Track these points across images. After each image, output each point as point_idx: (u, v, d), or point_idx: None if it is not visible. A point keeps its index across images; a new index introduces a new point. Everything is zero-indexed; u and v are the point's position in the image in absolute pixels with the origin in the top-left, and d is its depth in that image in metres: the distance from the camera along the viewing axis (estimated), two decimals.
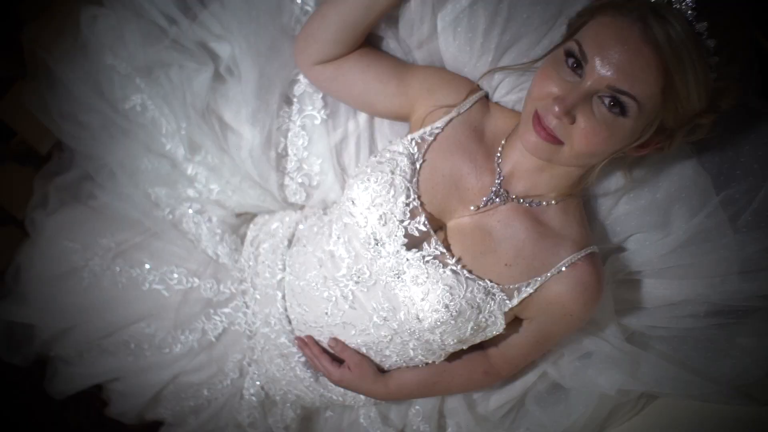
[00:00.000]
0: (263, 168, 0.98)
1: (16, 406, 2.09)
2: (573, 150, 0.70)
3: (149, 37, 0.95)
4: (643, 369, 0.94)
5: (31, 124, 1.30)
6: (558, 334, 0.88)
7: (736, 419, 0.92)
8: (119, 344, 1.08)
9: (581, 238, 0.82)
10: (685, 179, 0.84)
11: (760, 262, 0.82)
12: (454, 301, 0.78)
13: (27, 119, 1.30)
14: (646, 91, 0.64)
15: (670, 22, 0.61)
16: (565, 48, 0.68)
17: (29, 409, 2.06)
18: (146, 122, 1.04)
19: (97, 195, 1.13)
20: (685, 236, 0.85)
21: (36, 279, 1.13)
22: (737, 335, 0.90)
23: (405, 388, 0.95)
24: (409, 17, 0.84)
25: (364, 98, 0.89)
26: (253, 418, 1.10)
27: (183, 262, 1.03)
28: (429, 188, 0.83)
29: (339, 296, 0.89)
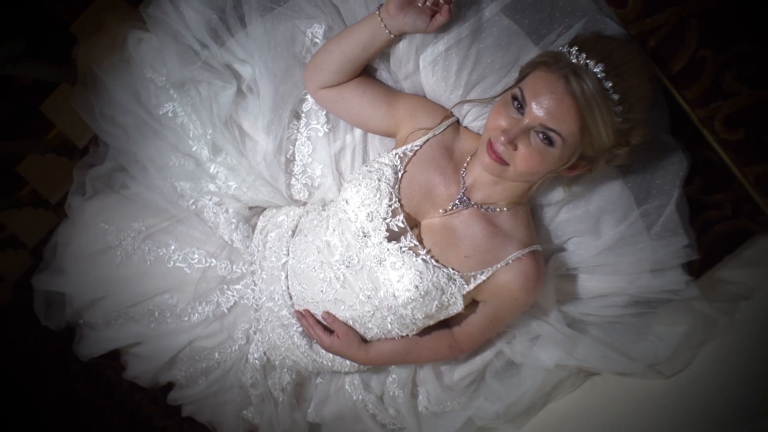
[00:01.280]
0: (274, 170, 1.21)
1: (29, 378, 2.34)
2: (516, 170, 0.94)
3: (185, 58, 1.19)
4: (579, 349, 1.19)
5: (70, 121, 1.55)
6: (507, 315, 1.12)
7: (650, 393, 1.17)
8: (144, 313, 1.31)
9: (527, 238, 1.06)
10: (612, 195, 1.09)
11: (667, 263, 1.07)
12: (423, 283, 1.02)
13: (67, 116, 1.55)
14: (567, 129, 0.88)
15: (585, 80, 0.86)
16: (512, 93, 0.92)
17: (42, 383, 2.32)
18: (176, 126, 1.27)
19: (129, 185, 1.37)
20: (611, 241, 1.10)
21: (73, 255, 1.37)
22: (652, 323, 1.15)
23: (383, 356, 1.19)
24: (398, 55, 1.08)
25: (360, 118, 1.13)
26: (255, 380, 1.34)
27: (203, 245, 1.27)
28: (408, 194, 1.07)
29: (332, 277, 1.13)
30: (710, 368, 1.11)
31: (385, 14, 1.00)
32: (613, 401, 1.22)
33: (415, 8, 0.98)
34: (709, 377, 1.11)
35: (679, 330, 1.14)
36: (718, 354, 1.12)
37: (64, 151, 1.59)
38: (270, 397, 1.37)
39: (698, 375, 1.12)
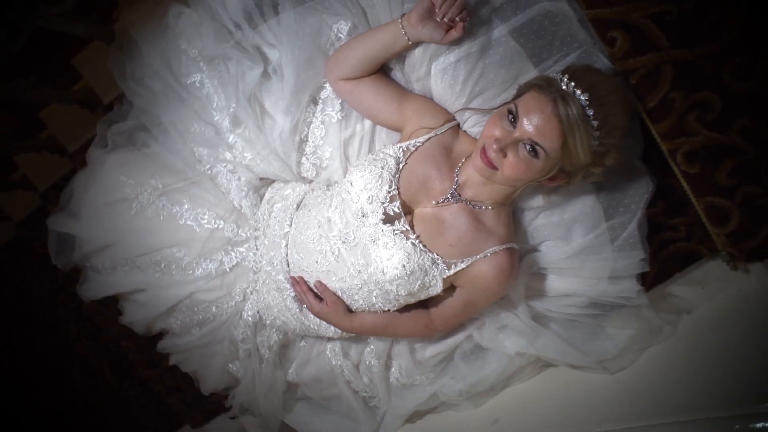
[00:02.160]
0: (288, 147, 1.36)
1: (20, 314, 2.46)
2: (503, 175, 1.10)
3: (219, 36, 1.32)
4: (540, 340, 1.36)
5: (99, 77, 1.67)
6: (480, 302, 1.28)
7: (597, 385, 1.34)
8: (150, 263, 1.45)
9: (506, 236, 1.22)
10: (585, 207, 1.26)
11: (624, 272, 1.24)
12: (410, 263, 1.18)
13: (97, 72, 1.67)
14: (551, 145, 1.03)
15: (571, 106, 1.01)
16: (508, 107, 1.08)
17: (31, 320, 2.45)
18: (202, 96, 1.41)
19: (150, 145, 1.50)
20: (579, 247, 1.26)
21: (89, 202, 1.50)
22: (605, 324, 1.33)
23: (365, 326, 1.34)
24: (413, 60, 1.23)
25: (371, 111, 1.28)
26: (245, 335, 1.49)
27: (213, 207, 1.42)
28: (406, 183, 1.22)
29: (328, 251, 1.28)
30: (651, 369, 1.29)
31: (407, 23, 1.14)
32: (565, 390, 1.39)
33: (433, 21, 1.12)
34: (649, 376, 1.29)
35: (627, 333, 1.31)
36: (659, 357, 1.29)
37: (87, 104, 1.71)
38: (257, 353, 1.53)
39: (640, 374, 1.30)
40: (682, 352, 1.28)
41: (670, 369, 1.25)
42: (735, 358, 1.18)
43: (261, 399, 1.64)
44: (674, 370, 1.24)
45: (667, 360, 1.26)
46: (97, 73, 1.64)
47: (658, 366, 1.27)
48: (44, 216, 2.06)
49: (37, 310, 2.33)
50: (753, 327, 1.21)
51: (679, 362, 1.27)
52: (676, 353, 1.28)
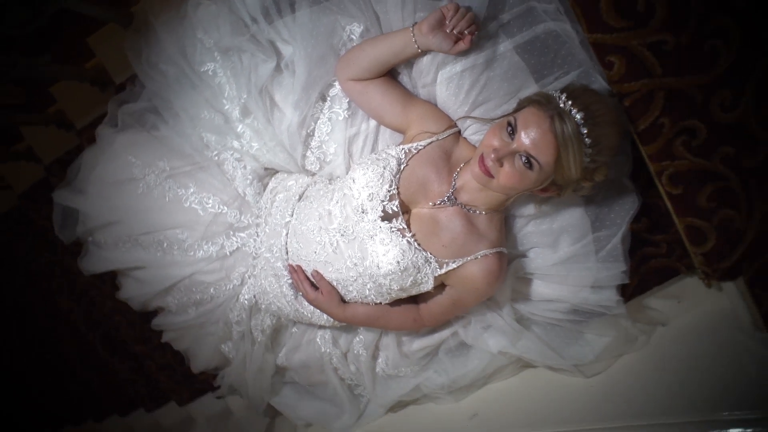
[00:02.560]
0: (294, 140, 1.42)
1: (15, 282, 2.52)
2: (498, 183, 1.17)
3: (236, 28, 1.38)
4: (522, 341, 1.44)
5: (112, 57, 1.72)
6: (467, 302, 1.35)
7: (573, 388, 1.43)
8: (153, 242, 1.51)
9: (497, 240, 1.29)
10: (573, 219, 1.33)
11: (605, 283, 1.32)
12: (404, 260, 1.25)
13: (111, 52, 1.72)
14: (545, 159, 1.11)
15: (567, 123, 1.08)
16: (507, 119, 1.15)
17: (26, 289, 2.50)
18: (214, 85, 1.46)
19: (160, 128, 1.56)
20: (565, 256, 1.34)
21: (97, 179, 1.56)
22: (584, 330, 1.41)
23: (356, 317, 1.42)
24: (421, 67, 1.29)
25: (377, 112, 1.34)
26: (240, 318, 1.56)
27: (218, 192, 1.48)
28: (405, 184, 1.29)
29: (327, 242, 1.35)
30: (624, 375, 1.38)
31: (418, 31, 1.20)
32: (542, 390, 1.48)
33: (443, 32, 1.18)
34: (622, 382, 1.37)
35: (605, 340, 1.40)
36: (633, 365, 1.38)
37: (98, 83, 1.76)
38: (250, 335, 1.60)
39: (614, 379, 1.39)
40: (654, 361, 1.36)
41: (642, 376, 1.33)
42: (704, 369, 1.27)
43: (250, 380, 1.71)
44: (646, 377, 1.32)
45: (640, 368, 1.35)
46: (111, 54, 1.70)
47: (632, 373, 1.36)
48: (47, 188, 2.13)
49: (33, 280, 2.39)
50: (722, 341, 1.29)
51: (651, 370, 1.35)
52: (649, 362, 1.37)
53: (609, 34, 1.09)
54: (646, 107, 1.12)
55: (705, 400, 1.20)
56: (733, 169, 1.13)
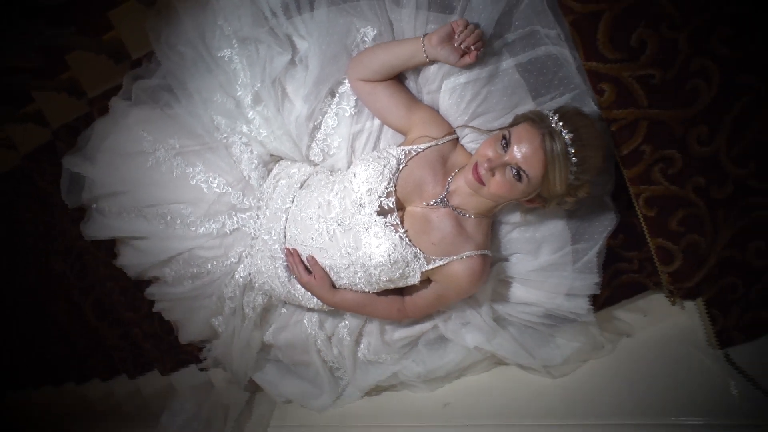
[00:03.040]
0: (301, 131, 1.51)
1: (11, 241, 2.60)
2: (489, 191, 1.28)
3: (256, 20, 1.47)
4: (497, 339, 1.55)
5: (131, 33, 1.79)
6: (450, 297, 1.46)
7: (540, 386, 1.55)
8: (156, 215, 1.60)
9: (483, 243, 1.40)
10: (555, 230, 1.45)
11: (579, 292, 1.44)
12: (395, 253, 1.35)
13: (130, 28, 1.80)
14: (533, 173, 1.21)
15: (556, 142, 1.19)
16: (502, 132, 1.25)
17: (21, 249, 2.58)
18: (229, 70, 1.55)
19: (173, 106, 1.64)
20: (544, 264, 1.46)
21: (108, 149, 1.64)
22: (555, 334, 1.53)
23: (345, 303, 1.52)
24: (427, 75, 1.39)
25: (382, 112, 1.44)
26: (234, 294, 1.66)
27: (224, 174, 1.57)
28: (403, 183, 1.39)
29: (324, 230, 1.45)
30: (588, 379, 1.50)
31: (428, 42, 1.30)
32: (511, 386, 1.60)
33: (451, 45, 1.28)
34: (586, 385, 1.49)
35: (574, 345, 1.52)
36: (597, 370, 1.50)
37: (114, 56, 1.83)
38: (241, 311, 1.70)
39: (579, 381, 1.51)
40: (617, 368, 1.48)
41: (604, 381, 1.45)
42: (661, 378, 1.39)
43: (236, 355, 1.81)
44: (608, 382, 1.45)
45: (604, 373, 1.47)
46: (130, 29, 1.78)
47: (595, 377, 1.48)
48: (52, 152, 2.20)
49: (30, 241, 2.46)
50: (680, 355, 1.42)
51: (613, 376, 1.48)
52: (612, 368, 1.49)
53: (603, 64, 1.20)
54: (631, 134, 1.23)
55: (659, 405, 1.32)
56: (703, 198, 1.25)
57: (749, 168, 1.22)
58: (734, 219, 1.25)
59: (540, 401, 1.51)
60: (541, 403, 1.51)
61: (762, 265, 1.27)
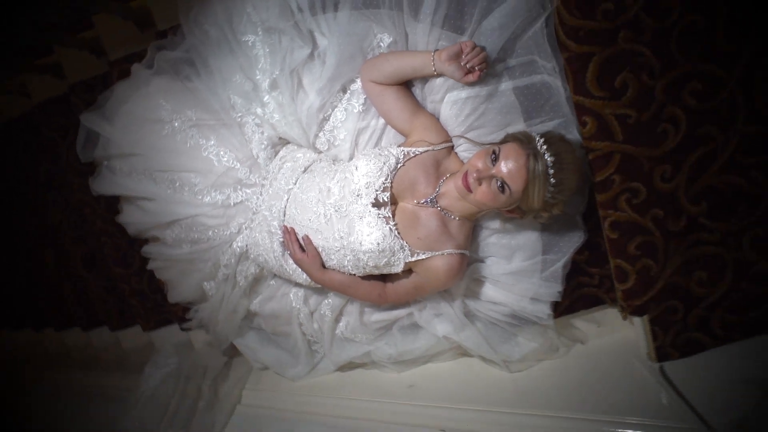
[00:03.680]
0: (311, 120, 1.68)
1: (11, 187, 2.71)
2: (474, 198, 1.46)
3: (283, 13, 1.62)
4: (464, 332, 1.74)
5: (160, 4, 1.93)
6: (428, 289, 1.65)
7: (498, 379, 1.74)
8: (166, 180, 1.76)
9: (463, 243, 1.59)
10: (529, 240, 1.63)
11: (543, 298, 1.63)
12: (383, 243, 1.53)
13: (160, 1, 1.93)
14: (515, 188, 1.39)
15: (539, 163, 1.37)
16: (493, 148, 1.43)
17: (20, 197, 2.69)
18: (251, 55, 1.71)
19: (193, 80, 1.79)
20: (516, 269, 1.65)
21: (127, 113, 1.79)
22: (518, 333, 1.73)
23: (331, 282, 1.69)
24: (433, 86, 1.56)
25: (387, 113, 1.61)
26: (229, 262, 1.82)
27: (235, 150, 1.73)
28: (398, 180, 1.56)
29: (322, 214, 1.62)
30: (541, 375, 1.70)
31: (437, 57, 1.47)
32: (472, 376, 1.79)
33: (457, 63, 1.45)
34: (539, 380, 1.69)
35: (532, 345, 1.71)
36: (549, 369, 1.70)
37: (139, 23, 1.97)
38: (233, 279, 1.86)
39: (532, 377, 1.71)
40: (568, 369, 1.68)
41: (555, 379, 1.65)
42: (605, 382, 1.59)
43: (221, 319, 1.98)
44: (558, 381, 1.65)
45: (555, 372, 1.67)
46: (160, 1, 1.91)
47: (548, 375, 1.68)
48: (65, 104, 2.33)
49: (30, 187, 2.59)
50: (624, 364, 1.62)
51: (564, 376, 1.67)
52: (563, 369, 1.69)
53: (589, 99, 1.39)
54: (605, 164, 1.42)
55: (598, 404, 1.52)
56: (659, 228, 1.45)
57: (701, 207, 1.42)
58: (683, 250, 1.46)
59: (496, 391, 1.71)
60: (497, 393, 1.70)
61: (701, 293, 1.48)
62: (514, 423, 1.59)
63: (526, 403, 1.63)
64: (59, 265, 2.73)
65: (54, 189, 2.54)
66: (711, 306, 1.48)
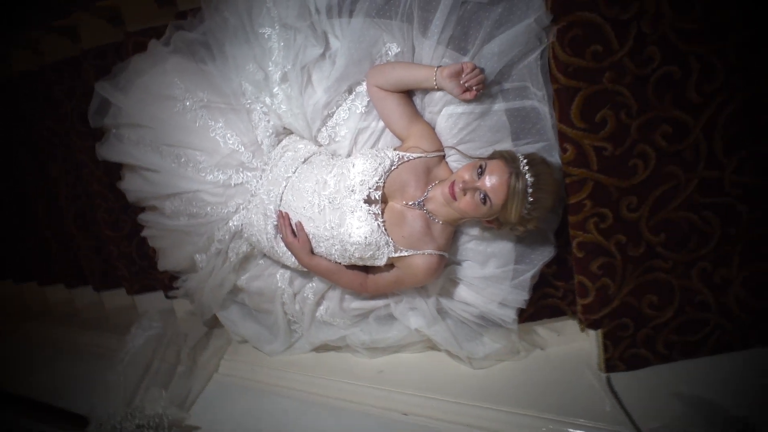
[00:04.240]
0: (316, 115, 1.83)
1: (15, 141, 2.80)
2: (458, 206, 1.62)
3: (301, 12, 1.77)
4: (435, 327, 1.92)
5: None
6: (406, 284, 1.82)
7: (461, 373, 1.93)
8: (172, 154, 1.91)
9: (443, 245, 1.76)
10: (504, 249, 1.81)
11: (510, 303, 1.81)
12: (370, 237, 1.70)
13: None
14: (496, 201, 1.56)
15: (520, 181, 1.54)
16: (480, 162, 1.60)
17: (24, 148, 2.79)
18: (265, 47, 1.86)
19: (208, 63, 1.94)
20: (489, 275, 1.83)
21: (141, 86, 1.93)
22: (484, 333, 1.91)
23: (318, 267, 1.85)
24: (433, 98, 1.72)
25: (387, 117, 1.76)
26: (223, 238, 1.98)
27: (241, 134, 1.88)
28: (390, 181, 1.72)
29: (316, 203, 1.78)
30: (500, 374, 1.88)
31: (440, 73, 1.63)
32: (438, 368, 1.96)
33: (457, 81, 1.61)
34: (497, 378, 1.87)
35: (495, 345, 1.90)
36: (508, 369, 1.89)
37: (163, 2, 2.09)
38: (225, 254, 2.02)
39: (492, 375, 1.89)
40: (525, 371, 1.87)
41: (512, 378, 1.84)
42: (557, 386, 1.78)
43: (207, 290, 2.14)
44: (515, 379, 1.83)
45: (513, 372, 1.86)
46: None
47: (506, 374, 1.87)
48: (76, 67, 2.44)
49: (31, 141, 2.69)
50: (577, 372, 1.81)
51: (520, 376, 1.86)
52: (521, 370, 1.88)
53: (571, 129, 1.57)
54: (579, 189, 1.61)
55: (548, 404, 1.70)
56: (620, 252, 1.64)
57: (660, 238, 1.61)
58: (639, 274, 1.65)
59: (458, 384, 1.89)
60: (459, 386, 1.88)
61: (651, 315, 1.67)
62: (471, 414, 1.77)
63: (484, 398, 1.81)
64: (50, 220, 2.83)
65: (55, 146, 2.64)
66: (658, 327, 1.68)
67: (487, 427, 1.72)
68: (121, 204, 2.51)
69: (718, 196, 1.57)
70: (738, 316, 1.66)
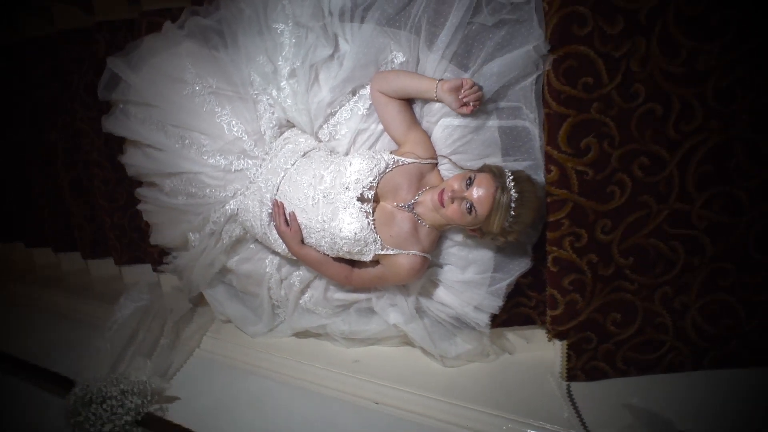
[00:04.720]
0: (319, 113, 1.95)
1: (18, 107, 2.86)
2: (445, 213, 1.76)
3: (315, 13, 1.89)
4: (412, 324, 2.06)
5: None
6: (389, 280, 1.95)
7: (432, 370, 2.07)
8: (177, 135, 2.02)
9: (428, 248, 1.90)
10: (485, 257, 1.95)
11: (485, 308, 1.96)
12: (360, 233, 1.83)
13: None
14: (481, 212, 1.70)
15: (504, 196, 1.68)
16: (470, 174, 1.73)
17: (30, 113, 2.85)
18: (277, 41, 1.97)
19: (220, 50, 2.05)
20: (467, 279, 1.97)
21: (153, 66, 2.04)
22: (457, 334, 2.06)
23: (307, 257, 1.98)
24: (432, 108, 1.85)
25: (387, 121, 1.89)
26: (218, 220, 2.09)
27: (246, 123, 2.00)
28: (384, 183, 1.85)
29: (311, 196, 1.90)
30: (469, 373, 2.03)
31: (440, 86, 1.76)
32: (411, 363, 2.10)
33: (456, 95, 1.74)
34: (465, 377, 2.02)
35: (467, 346, 2.04)
36: (477, 370, 2.04)
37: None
38: (218, 235, 2.13)
39: (461, 374, 2.04)
40: (493, 373, 2.02)
41: (480, 378, 1.99)
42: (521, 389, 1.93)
43: (197, 269, 2.25)
44: (482, 380, 1.98)
45: (481, 373, 2.01)
46: None
47: (475, 374, 2.01)
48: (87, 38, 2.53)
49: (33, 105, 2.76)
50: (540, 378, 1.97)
51: (487, 377, 2.01)
52: (488, 372, 2.03)
53: (557, 152, 1.71)
54: (559, 208, 1.75)
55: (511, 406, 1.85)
56: (591, 271, 1.79)
57: (629, 261, 1.77)
58: (606, 293, 1.80)
59: (428, 379, 2.03)
60: (429, 381, 2.02)
61: (613, 331, 1.83)
62: (439, 408, 1.92)
63: (452, 394, 1.96)
64: (45, 184, 2.90)
65: (57, 113, 2.72)
66: (618, 343, 1.84)
67: (453, 422, 1.87)
68: (118, 176, 2.60)
69: (685, 228, 1.72)
70: (693, 340, 1.82)
